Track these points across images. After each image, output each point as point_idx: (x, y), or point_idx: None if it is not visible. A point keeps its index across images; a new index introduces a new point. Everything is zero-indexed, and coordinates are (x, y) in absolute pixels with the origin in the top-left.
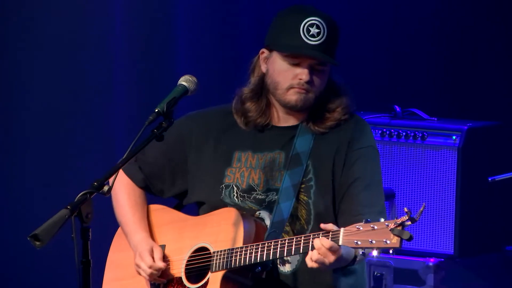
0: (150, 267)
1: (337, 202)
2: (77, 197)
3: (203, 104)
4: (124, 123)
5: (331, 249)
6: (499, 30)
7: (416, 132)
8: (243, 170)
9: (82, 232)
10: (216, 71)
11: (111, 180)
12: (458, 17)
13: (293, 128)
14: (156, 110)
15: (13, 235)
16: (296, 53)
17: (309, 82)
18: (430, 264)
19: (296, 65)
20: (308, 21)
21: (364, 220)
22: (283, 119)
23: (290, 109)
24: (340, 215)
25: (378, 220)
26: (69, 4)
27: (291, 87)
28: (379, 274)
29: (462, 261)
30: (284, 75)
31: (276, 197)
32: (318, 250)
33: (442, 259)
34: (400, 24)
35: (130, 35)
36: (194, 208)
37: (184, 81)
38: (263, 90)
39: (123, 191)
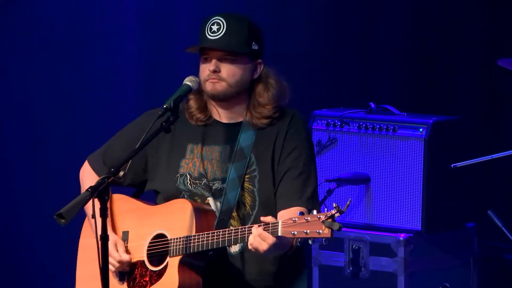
0: (118, 262)
1: (275, 188)
2: (96, 182)
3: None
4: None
5: (261, 237)
6: (462, 33)
7: (388, 125)
8: (195, 161)
9: (101, 211)
10: None
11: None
12: (426, 21)
13: (238, 124)
14: (165, 106)
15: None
16: (197, 46)
17: (216, 72)
18: (401, 238)
19: (207, 60)
20: (210, 22)
21: (299, 213)
22: (225, 116)
23: (213, 99)
24: (277, 200)
25: (309, 208)
26: (82, 2)
27: (206, 80)
28: (357, 247)
29: (428, 237)
30: (202, 72)
31: (222, 185)
32: (254, 238)
33: (411, 235)
34: (377, 30)
35: (138, 39)
36: (152, 196)
37: (189, 81)
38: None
39: (89, 185)
